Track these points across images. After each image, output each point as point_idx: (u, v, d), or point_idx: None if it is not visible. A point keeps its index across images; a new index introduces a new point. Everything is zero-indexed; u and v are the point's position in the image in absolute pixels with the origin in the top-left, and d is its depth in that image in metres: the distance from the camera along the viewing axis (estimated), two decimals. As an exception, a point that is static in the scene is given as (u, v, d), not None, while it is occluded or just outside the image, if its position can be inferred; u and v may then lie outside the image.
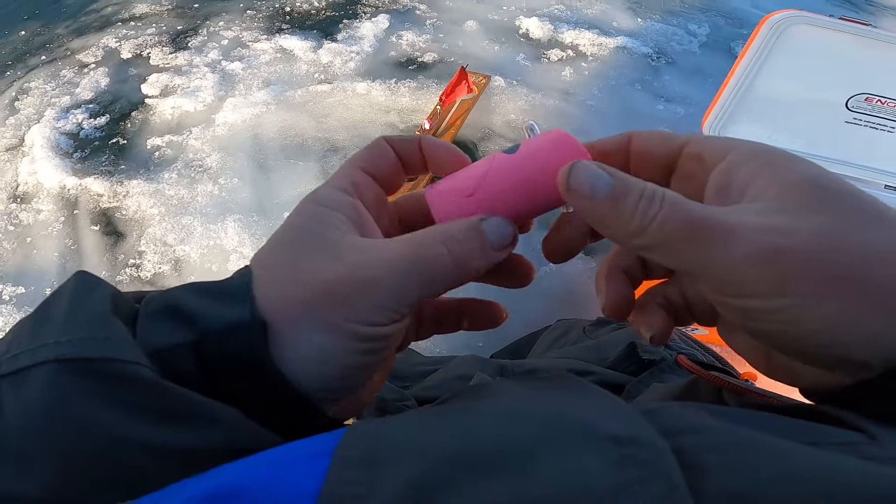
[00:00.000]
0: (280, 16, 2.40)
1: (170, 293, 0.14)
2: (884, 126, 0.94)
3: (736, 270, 0.12)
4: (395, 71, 2.04)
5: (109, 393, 0.11)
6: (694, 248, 0.12)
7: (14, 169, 1.88)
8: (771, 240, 0.12)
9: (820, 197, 0.12)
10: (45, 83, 2.23)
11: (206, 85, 2.01)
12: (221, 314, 0.13)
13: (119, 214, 1.70)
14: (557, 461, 0.09)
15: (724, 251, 0.12)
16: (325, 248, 0.14)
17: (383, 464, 0.10)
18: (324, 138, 1.81)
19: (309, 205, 0.15)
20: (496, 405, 0.13)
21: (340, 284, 0.13)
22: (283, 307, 0.13)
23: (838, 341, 0.12)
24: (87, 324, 0.12)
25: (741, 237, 0.12)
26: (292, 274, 0.14)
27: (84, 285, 0.13)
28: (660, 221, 0.12)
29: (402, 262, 0.14)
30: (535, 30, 2.26)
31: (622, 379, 0.29)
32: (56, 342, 0.11)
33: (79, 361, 0.11)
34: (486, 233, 0.15)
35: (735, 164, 0.14)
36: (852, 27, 0.90)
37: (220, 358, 0.13)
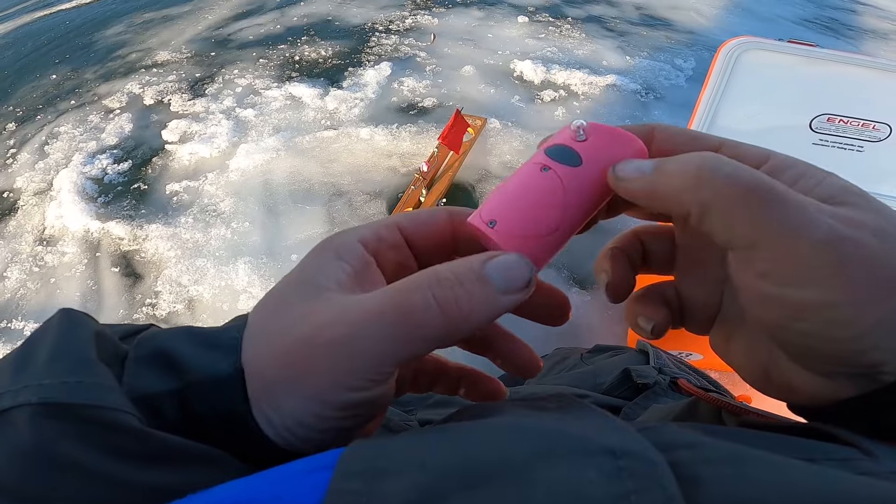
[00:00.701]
0: (290, 64, 2.57)
1: (163, 337, 0.14)
2: (851, 146, 0.95)
3: (799, 249, 0.11)
4: (397, 116, 2.16)
5: (92, 437, 0.11)
6: (758, 214, 0.11)
7: (41, 213, 2.01)
8: (839, 225, 0.11)
9: (868, 202, 0.12)
10: (74, 128, 2.40)
11: (221, 131, 2.16)
12: (208, 365, 0.13)
13: (138, 257, 1.80)
14: (555, 473, 0.09)
15: (790, 224, 0.11)
16: (307, 300, 0.13)
17: (384, 476, 0.10)
18: (330, 183, 1.91)
19: (319, 248, 0.14)
20: (495, 421, 0.12)
21: (310, 346, 0.12)
22: (259, 366, 0.13)
23: (878, 345, 0.11)
24: (71, 368, 0.12)
25: (811, 215, 0.11)
26: (275, 328, 0.13)
27: (68, 324, 0.13)
28: (726, 175, 0.12)
29: (380, 317, 0.12)
30: (528, 72, 2.39)
31: (617, 403, 0.28)
32: (39, 384, 0.11)
33: (63, 406, 0.11)
34: (492, 278, 0.12)
35: (778, 168, 0.13)
36: (801, 49, 0.91)
37: (201, 407, 0.12)
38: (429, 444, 0.11)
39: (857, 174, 0.97)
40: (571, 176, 0.14)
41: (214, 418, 0.13)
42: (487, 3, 2.96)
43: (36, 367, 0.12)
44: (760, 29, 2.81)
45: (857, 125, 0.94)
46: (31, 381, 0.11)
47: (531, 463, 0.10)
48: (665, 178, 0.13)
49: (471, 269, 0.13)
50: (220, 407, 0.12)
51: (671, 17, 2.92)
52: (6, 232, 1.99)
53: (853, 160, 0.97)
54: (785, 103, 0.95)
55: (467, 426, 0.12)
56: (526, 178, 0.14)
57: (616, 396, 0.30)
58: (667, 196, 0.13)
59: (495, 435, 0.11)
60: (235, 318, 0.15)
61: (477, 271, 0.13)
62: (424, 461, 0.10)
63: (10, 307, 1.76)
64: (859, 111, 0.93)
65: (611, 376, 0.33)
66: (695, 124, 1.00)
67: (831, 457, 0.11)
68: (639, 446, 0.10)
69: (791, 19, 2.99)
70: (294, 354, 0.12)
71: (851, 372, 0.12)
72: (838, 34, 2.89)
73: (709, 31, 2.80)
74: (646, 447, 0.10)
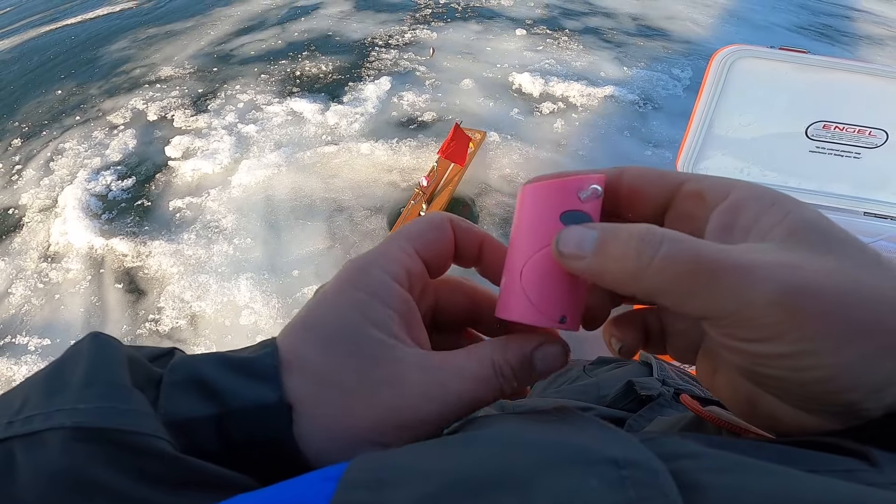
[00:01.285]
0: (291, 79, 2.60)
1: (195, 363, 0.14)
2: (848, 153, 0.96)
3: (753, 313, 0.11)
4: (397, 130, 2.18)
5: (124, 462, 0.11)
6: (705, 290, 0.11)
7: (46, 229, 2.03)
8: (791, 278, 0.11)
9: (828, 241, 0.12)
10: (79, 144, 2.42)
11: (224, 147, 2.18)
12: (248, 392, 0.13)
13: (141, 273, 1.81)
14: (558, 483, 0.09)
15: (740, 292, 0.11)
16: (378, 361, 0.14)
17: (388, 486, 0.10)
18: (331, 198, 1.93)
19: (358, 294, 0.14)
20: (497, 432, 0.13)
21: (411, 414, 0.13)
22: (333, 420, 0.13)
23: (850, 387, 0.11)
24: (105, 392, 0.12)
25: (760, 276, 0.11)
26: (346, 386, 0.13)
27: (100, 348, 0.13)
28: (662, 259, 0.12)
29: (460, 400, 0.14)
30: (527, 84, 2.41)
31: (621, 415, 0.28)
32: (73, 408, 0.11)
33: (97, 430, 0.11)
34: (537, 367, 0.15)
35: (739, 204, 0.13)
36: (793, 56, 0.90)
37: (242, 433, 0.13)
38: (432, 455, 0.11)
39: (855, 181, 0.99)
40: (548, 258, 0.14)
41: (256, 445, 0.13)
42: (485, 17, 3.00)
43: (70, 390, 0.12)
44: (756, 37, 2.83)
45: (854, 132, 0.94)
46: (65, 404, 0.12)
47: (533, 473, 0.10)
48: (605, 265, 0.13)
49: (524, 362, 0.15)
50: (262, 434, 0.13)
51: (667, 27, 2.95)
52: (11, 248, 2.01)
53: (850, 167, 0.97)
54: (780, 111, 0.96)
55: (470, 437, 0.12)
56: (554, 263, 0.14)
57: (620, 409, 0.30)
58: (611, 283, 0.13)
59: (497, 446, 0.11)
60: (261, 343, 0.15)
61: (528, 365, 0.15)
62: (428, 472, 0.10)
63: (14, 323, 1.77)
64: (855, 118, 0.93)
65: (614, 388, 0.33)
66: (691, 134, 1.01)
67: (834, 468, 0.11)
68: (641, 456, 0.10)
69: (786, 27, 3.02)
70: (390, 419, 0.13)
71: (831, 410, 0.12)
72: (833, 41, 2.91)
73: (705, 40, 2.82)
74: (648, 457, 0.10)
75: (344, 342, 0.14)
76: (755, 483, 0.10)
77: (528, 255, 0.14)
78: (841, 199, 1.02)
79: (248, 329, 1.61)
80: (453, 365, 0.14)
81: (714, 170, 1.06)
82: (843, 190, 1.03)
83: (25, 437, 0.11)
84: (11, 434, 0.11)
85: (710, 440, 0.12)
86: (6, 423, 0.12)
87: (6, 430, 0.11)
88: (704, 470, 0.10)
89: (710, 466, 0.10)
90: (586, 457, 0.10)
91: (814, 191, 1.04)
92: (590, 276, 0.14)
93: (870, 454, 0.11)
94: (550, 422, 0.14)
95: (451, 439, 0.12)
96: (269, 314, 1.63)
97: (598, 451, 0.10)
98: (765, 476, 0.10)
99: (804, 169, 1.01)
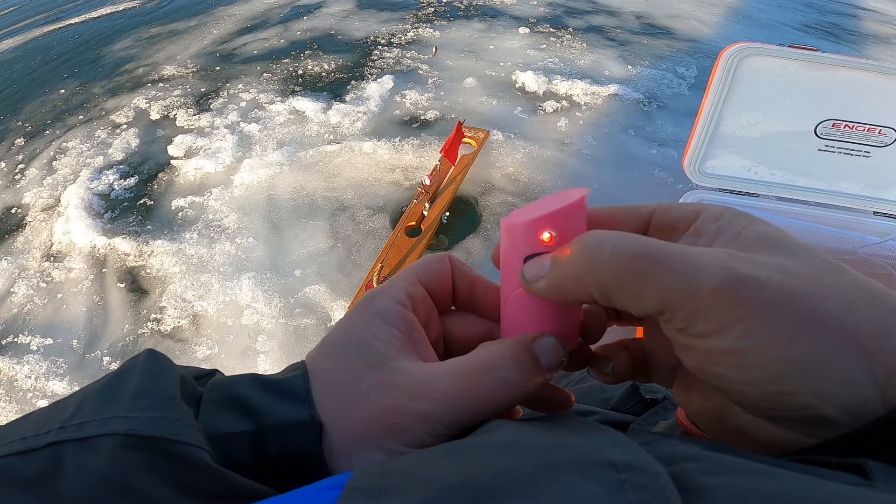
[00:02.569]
0: (293, 78, 2.59)
1: (232, 383, 0.15)
2: (858, 152, 0.94)
3: (699, 300, 0.11)
4: (400, 129, 2.17)
5: (167, 471, 0.11)
6: (655, 278, 0.12)
7: (49, 228, 2.03)
8: (736, 266, 0.11)
9: (780, 246, 0.12)
10: (82, 143, 2.43)
11: (226, 146, 2.18)
12: (282, 411, 0.14)
13: (144, 273, 1.81)
14: (559, 487, 0.09)
15: (684, 278, 0.11)
16: (378, 369, 0.14)
17: (390, 494, 0.10)
18: (333, 197, 1.92)
19: (367, 315, 0.16)
20: (497, 438, 0.13)
21: (398, 415, 0.14)
22: (342, 424, 0.14)
23: (801, 388, 0.11)
24: (158, 404, 0.13)
25: (705, 263, 0.11)
26: (348, 391, 0.14)
27: (155, 365, 0.14)
28: (610, 251, 0.12)
29: (456, 398, 0.14)
30: (530, 83, 2.40)
31: (625, 419, 0.28)
32: (126, 416, 0.12)
33: (147, 438, 0.12)
34: (541, 358, 0.15)
35: (701, 226, 0.14)
36: (802, 54, 0.88)
37: (275, 449, 0.13)
38: (433, 461, 0.11)
39: (864, 180, 0.97)
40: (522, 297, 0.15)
41: (288, 461, 0.14)
42: (488, 15, 2.99)
43: (123, 400, 0.13)
44: (762, 36, 2.81)
45: (863, 130, 0.93)
46: (119, 412, 0.12)
47: (533, 477, 0.10)
48: (561, 272, 0.13)
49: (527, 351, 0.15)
50: (295, 450, 0.14)
51: (672, 25, 2.93)
52: (14, 248, 2.01)
53: (860, 166, 0.96)
54: (788, 109, 0.94)
55: (470, 443, 0.12)
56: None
57: (624, 412, 0.30)
58: (569, 289, 0.13)
59: (497, 451, 0.11)
60: (291, 366, 0.16)
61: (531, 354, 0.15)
62: (429, 478, 0.10)
63: (17, 322, 1.77)
64: (864, 116, 0.92)
65: (618, 391, 0.33)
66: (697, 133, 0.99)
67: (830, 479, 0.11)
68: (640, 459, 0.10)
69: (792, 25, 2.99)
70: (384, 419, 0.14)
71: (792, 417, 0.12)
72: (840, 39, 2.89)
73: (710, 38, 2.80)
74: (647, 460, 0.10)
75: (351, 354, 0.15)
76: (756, 486, 0.10)
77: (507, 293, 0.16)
78: (850, 199, 1.01)
79: (250, 329, 1.60)
80: (446, 366, 0.15)
81: (721, 168, 1.05)
82: (853, 189, 1.02)
83: (78, 442, 0.12)
84: (64, 438, 0.12)
85: (710, 444, 0.12)
86: (58, 427, 0.12)
87: (58, 434, 0.12)
88: (705, 473, 0.10)
89: (711, 469, 0.10)
90: (585, 461, 0.10)
91: (823, 190, 1.03)
92: (553, 292, 0.14)
93: (866, 467, 0.11)
94: (550, 426, 0.14)
95: (452, 445, 0.13)
96: (271, 314, 1.62)
97: (597, 455, 0.10)
98: (765, 479, 0.10)
99: (813, 168, 1.00)
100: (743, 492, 0.09)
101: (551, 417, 0.15)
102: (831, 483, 0.10)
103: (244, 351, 1.54)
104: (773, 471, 0.10)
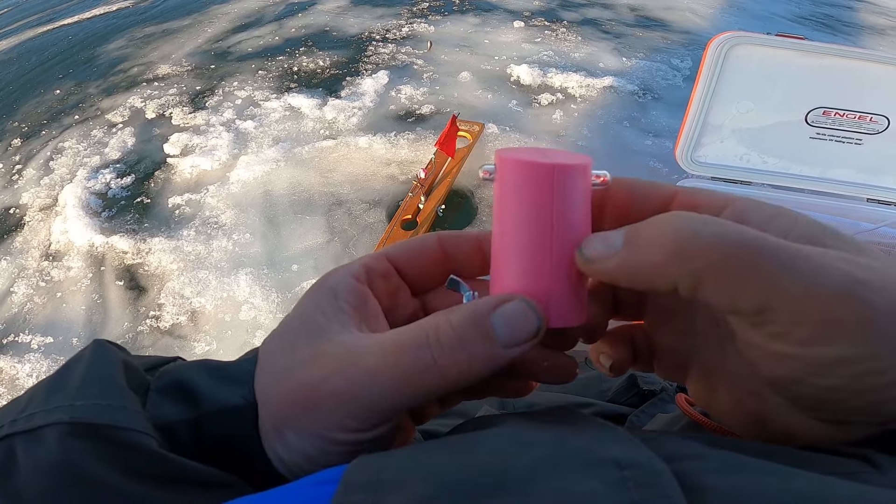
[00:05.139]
0: (288, 75, 2.59)
1: (180, 369, 0.14)
2: (849, 139, 0.94)
3: (817, 304, 0.10)
4: (395, 124, 2.17)
5: (115, 457, 0.11)
6: (762, 276, 0.10)
7: (47, 228, 2.03)
8: (855, 270, 0.10)
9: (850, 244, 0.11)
10: (78, 143, 2.43)
11: (222, 144, 2.18)
12: (221, 396, 0.13)
13: (142, 270, 1.82)
14: (559, 484, 0.09)
15: (802, 279, 0.10)
16: (312, 342, 0.13)
17: (388, 489, 0.10)
18: (329, 192, 1.92)
19: (317, 286, 0.15)
20: (497, 433, 0.12)
21: (314, 391, 0.12)
22: (268, 402, 0.13)
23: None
24: (102, 391, 0.12)
25: (822, 263, 0.10)
26: (281, 367, 0.13)
27: (102, 355, 0.14)
28: (710, 237, 0.10)
29: (379, 375, 0.12)
30: (525, 76, 2.40)
31: (623, 410, 0.28)
32: (70, 405, 0.12)
33: (91, 426, 0.11)
34: (497, 332, 0.12)
35: (742, 213, 0.12)
36: (790, 42, 0.88)
37: (215, 437, 0.13)
38: (431, 457, 0.11)
39: (857, 167, 0.98)
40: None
41: (226, 446, 0.13)
42: (483, 10, 2.98)
43: (69, 389, 0.13)
44: (756, 27, 2.80)
45: (854, 118, 0.93)
46: (64, 401, 0.12)
47: (533, 474, 0.10)
48: (640, 252, 0.11)
49: (474, 324, 0.12)
50: (232, 436, 0.13)
51: (666, 17, 2.93)
52: (13, 248, 2.02)
53: (852, 153, 0.96)
54: (779, 98, 0.94)
55: (469, 438, 0.12)
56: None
57: (622, 403, 0.30)
58: (648, 274, 0.12)
59: (497, 447, 0.11)
60: (249, 351, 0.16)
61: (481, 327, 0.12)
62: (427, 474, 0.10)
63: (17, 321, 1.78)
64: (855, 104, 0.92)
65: (616, 382, 0.33)
66: (689, 122, 0.99)
67: (836, 470, 0.10)
68: (643, 456, 0.10)
69: (786, 17, 2.99)
70: (299, 396, 0.13)
71: (869, 421, 0.11)
72: (835, 31, 2.88)
73: (704, 30, 2.80)
74: (650, 457, 0.10)
75: (293, 330, 0.14)
76: (759, 484, 0.09)
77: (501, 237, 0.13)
78: (843, 186, 1.01)
79: (248, 324, 1.61)
80: (381, 338, 0.13)
81: (713, 157, 1.06)
82: (846, 176, 1.02)
83: (26, 434, 0.12)
84: (14, 431, 0.12)
85: (713, 440, 0.12)
86: (10, 420, 0.12)
87: (10, 427, 0.12)
88: (708, 471, 0.10)
89: (714, 467, 0.10)
90: (587, 458, 0.10)
91: (816, 177, 1.04)
92: (624, 276, 0.12)
93: (870, 456, 0.11)
94: (550, 421, 0.13)
95: (451, 440, 0.12)
96: (269, 309, 1.63)
97: (598, 452, 0.10)
98: (769, 477, 0.10)
99: (805, 155, 1.00)
100: (746, 491, 0.09)
101: (552, 411, 0.14)
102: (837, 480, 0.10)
103: (242, 346, 1.55)
104: (777, 468, 0.10)
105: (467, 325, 0.12)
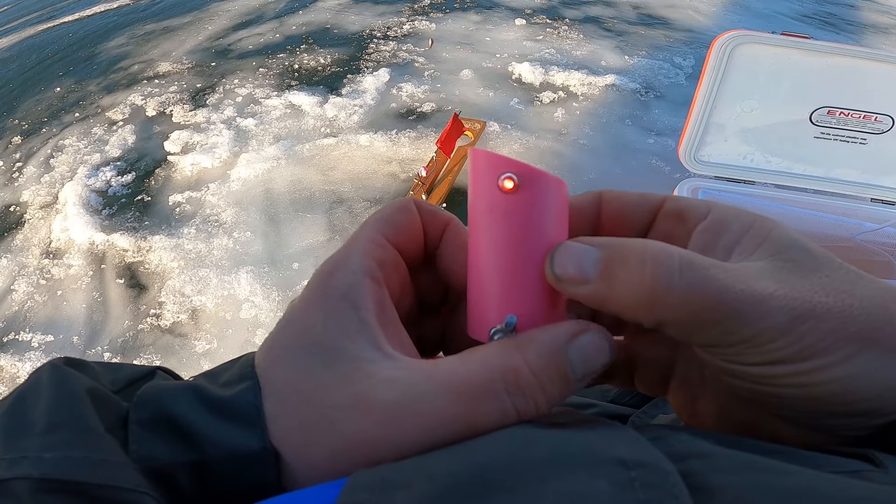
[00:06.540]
0: (289, 73, 2.58)
1: (165, 397, 0.12)
2: (854, 139, 0.94)
3: (762, 339, 0.11)
4: (396, 122, 2.16)
5: None
6: (723, 321, 0.11)
7: (47, 226, 2.03)
8: (797, 305, 0.11)
9: (812, 258, 0.12)
10: (79, 140, 2.42)
11: (222, 141, 2.17)
12: (229, 439, 0.12)
13: (142, 268, 1.82)
14: (564, 484, 0.09)
15: (752, 325, 0.11)
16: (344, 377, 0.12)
17: (392, 488, 0.10)
18: (330, 190, 1.92)
19: (329, 301, 0.13)
20: (503, 432, 0.11)
21: (374, 448, 0.11)
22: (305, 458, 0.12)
23: (860, 398, 0.11)
24: (74, 438, 0.11)
25: (769, 306, 0.11)
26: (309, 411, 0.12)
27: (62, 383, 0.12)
28: (685, 290, 0.11)
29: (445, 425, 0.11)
30: (527, 74, 2.39)
31: (625, 411, 0.28)
32: (38, 457, 0.10)
33: (68, 483, 0.10)
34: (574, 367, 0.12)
35: (720, 223, 0.13)
36: (795, 41, 0.88)
37: (223, 482, 0.11)
38: (436, 456, 0.11)
39: (861, 167, 0.97)
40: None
41: (241, 495, 0.12)
42: (484, 7, 2.97)
43: (32, 435, 0.11)
44: (759, 25, 2.79)
45: (859, 117, 0.93)
46: (30, 451, 0.10)
47: (539, 474, 0.10)
48: (614, 290, 0.12)
49: (554, 365, 0.12)
50: (248, 485, 0.12)
51: (669, 15, 2.91)
52: (13, 246, 2.02)
53: (857, 153, 0.96)
54: (783, 97, 0.94)
55: (475, 438, 0.11)
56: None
57: (623, 404, 0.30)
58: (617, 309, 0.12)
59: (503, 446, 0.11)
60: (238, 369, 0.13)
61: (560, 368, 0.12)
62: (432, 473, 0.10)
63: (17, 319, 1.78)
64: (860, 103, 0.92)
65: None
66: (692, 121, 0.99)
67: (841, 469, 0.11)
68: (650, 456, 0.10)
69: (789, 15, 2.97)
70: (349, 454, 0.11)
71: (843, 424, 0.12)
72: (838, 29, 2.87)
73: (707, 28, 2.79)
74: (657, 457, 0.10)
75: (313, 359, 0.12)
76: (767, 484, 0.09)
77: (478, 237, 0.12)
78: (847, 186, 1.00)
79: (249, 322, 1.61)
80: (438, 379, 0.11)
81: (716, 156, 1.05)
82: (850, 176, 1.01)
83: None
84: None
85: (720, 438, 0.12)
86: None
87: None
88: (715, 470, 0.10)
89: (721, 466, 0.10)
90: (593, 457, 0.10)
91: (820, 177, 1.03)
92: (593, 303, 0.12)
93: (872, 455, 0.11)
94: (556, 421, 0.13)
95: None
96: (270, 307, 1.63)
97: (605, 452, 0.10)
98: (778, 476, 0.10)
99: (809, 155, 1.00)
100: (754, 490, 0.09)
101: (558, 411, 0.13)
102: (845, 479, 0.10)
103: (243, 345, 1.55)
104: (786, 467, 0.10)
105: (546, 367, 0.12)
